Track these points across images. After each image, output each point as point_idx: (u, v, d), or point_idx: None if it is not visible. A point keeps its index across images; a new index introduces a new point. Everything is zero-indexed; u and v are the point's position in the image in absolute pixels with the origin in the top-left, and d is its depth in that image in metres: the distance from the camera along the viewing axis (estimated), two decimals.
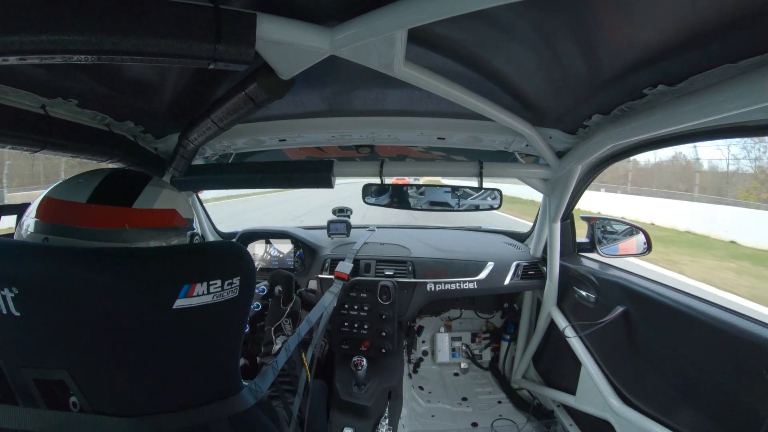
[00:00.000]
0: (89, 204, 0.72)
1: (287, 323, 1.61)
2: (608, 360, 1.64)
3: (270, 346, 1.56)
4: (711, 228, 12.55)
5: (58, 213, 0.72)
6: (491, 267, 2.16)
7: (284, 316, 1.61)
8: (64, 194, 0.74)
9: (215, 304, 0.70)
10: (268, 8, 0.69)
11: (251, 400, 0.81)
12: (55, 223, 0.71)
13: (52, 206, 0.73)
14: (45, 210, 0.73)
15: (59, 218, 0.71)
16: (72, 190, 0.74)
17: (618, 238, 1.98)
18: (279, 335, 1.59)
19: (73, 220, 0.71)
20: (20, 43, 0.56)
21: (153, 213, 0.78)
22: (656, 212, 14.71)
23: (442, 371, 2.69)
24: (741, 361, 1.06)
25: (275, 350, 1.53)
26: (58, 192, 0.75)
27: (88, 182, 0.75)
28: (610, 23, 0.71)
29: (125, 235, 0.73)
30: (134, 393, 0.69)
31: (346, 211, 2.58)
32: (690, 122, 0.84)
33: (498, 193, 1.85)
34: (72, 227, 0.70)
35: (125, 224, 0.73)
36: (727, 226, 12.01)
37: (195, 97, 1.16)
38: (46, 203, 0.73)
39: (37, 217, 0.72)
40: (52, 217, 0.71)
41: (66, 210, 0.72)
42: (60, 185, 0.76)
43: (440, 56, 0.91)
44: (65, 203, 0.72)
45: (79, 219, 0.71)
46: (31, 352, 0.68)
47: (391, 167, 1.65)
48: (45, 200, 0.74)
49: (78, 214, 0.71)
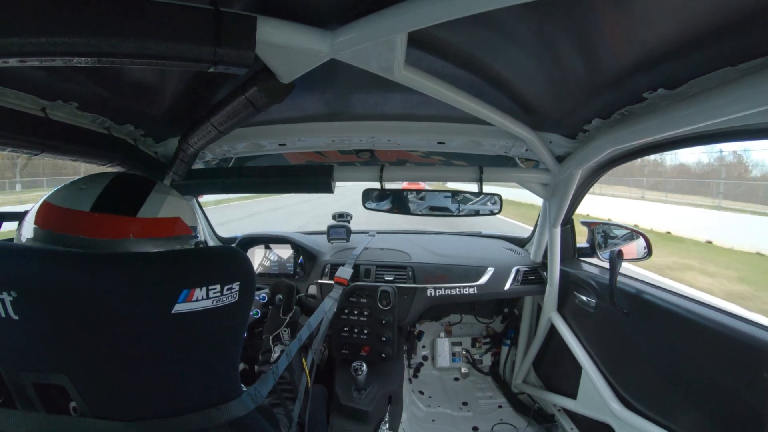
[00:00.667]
0: (92, 213, 0.70)
1: (285, 332, 1.60)
2: (609, 364, 1.63)
3: (268, 355, 1.55)
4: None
5: (59, 221, 0.70)
6: (491, 272, 2.15)
7: (283, 326, 1.60)
8: (66, 201, 0.72)
9: (214, 309, 0.70)
10: (269, 11, 0.70)
11: (251, 404, 0.80)
12: (56, 232, 0.69)
13: (52, 213, 0.71)
14: (46, 217, 0.71)
15: (60, 227, 0.69)
16: (75, 196, 0.72)
17: (618, 243, 1.97)
18: (277, 344, 1.58)
19: (75, 230, 0.69)
20: (20, 45, 0.56)
21: (157, 222, 0.77)
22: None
23: (443, 376, 2.67)
24: (742, 364, 1.06)
25: (273, 359, 1.52)
26: (59, 198, 0.73)
27: (91, 188, 0.73)
28: (610, 27, 0.71)
29: (128, 244, 0.72)
30: (133, 397, 0.69)
31: (346, 217, 2.57)
32: (690, 126, 0.84)
33: (498, 197, 1.85)
34: (74, 237, 0.68)
35: (129, 234, 0.72)
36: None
37: (195, 101, 1.16)
38: (46, 209, 0.72)
39: (36, 224, 0.71)
40: (53, 225, 0.70)
41: (68, 218, 0.70)
42: (61, 190, 0.74)
43: (440, 60, 0.91)
44: (67, 211, 0.71)
45: (82, 228, 0.69)
46: (30, 356, 0.67)
47: (391, 172, 1.65)
48: (45, 206, 0.72)
49: (81, 222, 0.69)
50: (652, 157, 21.59)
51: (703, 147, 17.07)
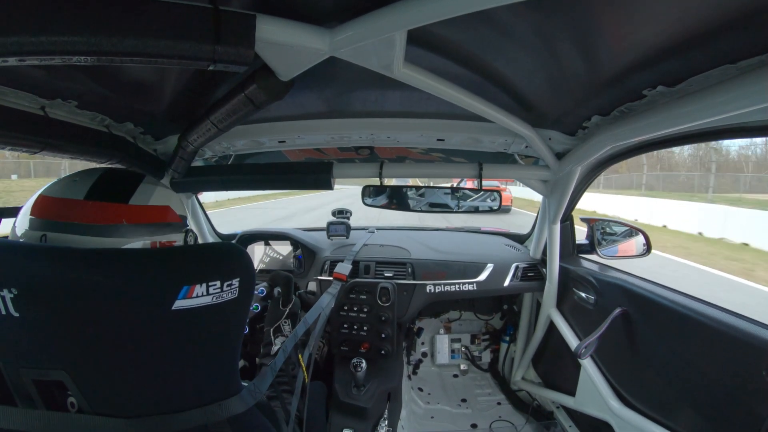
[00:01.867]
0: (86, 200, 0.73)
1: (286, 324, 1.61)
2: (608, 361, 1.63)
3: (269, 347, 1.56)
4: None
5: (55, 210, 0.72)
6: (491, 268, 2.16)
7: (283, 317, 1.61)
8: (60, 192, 0.75)
9: (214, 305, 0.70)
10: (268, 9, 0.69)
11: (250, 401, 0.81)
12: (52, 220, 0.71)
13: (48, 204, 0.73)
14: (42, 207, 0.73)
15: (57, 215, 0.72)
16: (68, 187, 0.75)
17: (617, 240, 1.98)
18: (278, 336, 1.59)
19: (71, 217, 0.71)
20: (19, 44, 0.56)
21: (148, 209, 0.80)
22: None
23: (442, 373, 2.68)
24: (741, 362, 1.06)
25: (274, 351, 1.53)
26: (54, 190, 0.75)
27: (83, 180, 0.76)
28: (610, 24, 0.71)
29: (123, 230, 0.74)
30: (133, 394, 0.69)
31: (345, 213, 2.57)
32: (690, 123, 0.84)
33: (497, 194, 1.85)
34: (70, 223, 0.71)
35: (122, 220, 0.75)
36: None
37: (194, 99, 1.16)
38: (42, 201, 0.74)
39: (33, 214, 0.73)
40: (50, 214, 0.72)
41: (63, 207, 0.73)
42: (55, 184, 0.77)
43: (439, 57, 0.91)
44: (63, 200, 0.73)
45: (77, 215, 0.72)
46: (30, 353, 0.68)
47: (391, 169, 1.65)
48: (41, 198, 0.74)
49: (76, 210, 0.72)
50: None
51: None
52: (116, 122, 1.29)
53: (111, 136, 1.30)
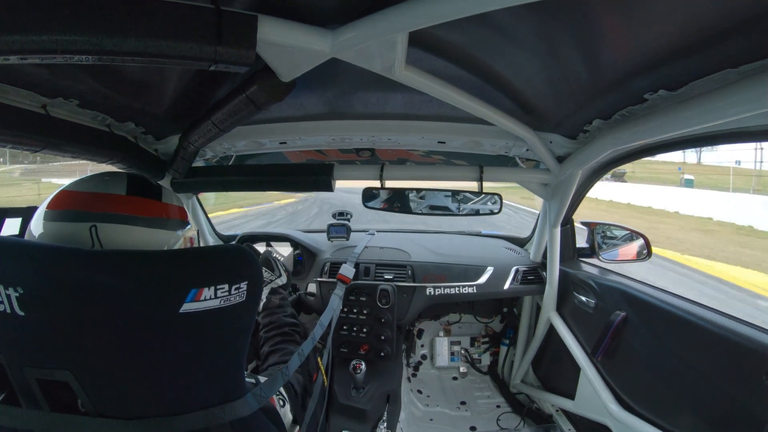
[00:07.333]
0: (129, 195, 0.80)
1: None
2: (607, 365, 1.63)
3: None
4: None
5: (101, 203, 0.77)
6: (491, 272, 2.15)
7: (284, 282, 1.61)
8: (96, 188, 0.79)
9: (222, 308, 0.69)
10: (270, 10, 0.70)
11: (255, 405, 0.80)
12: (100, 212, 0.75)
13: (88, 198, 0.78)
14: (80, 200, 0.77)
15: (104, 207, 0.76)
16: (105, 184, 0.80)
17: (618, 244, 1.98)
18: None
19: (118, 209, 0.77)
20: (21, 42, 0.56)
21: (174, 208, 0.89)
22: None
23: (441, 375, 2.67)
24: (740, 366, 1.06)
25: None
26: (87, 186, 0.79)
27: (115, 180, 0.82)
28: (612, 28, 0.71)
29: (165, 223, 0.83)
30: (137, 395, 0.69)
31: (346, 215, 2.57)
32: (691, 127, 0.84)
33: (498, 197, 1.85)
34: (119, 215, 0.76)
35: (163, 214, 0.83)
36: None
37: (196, 99, 1.16)
38: (77, 195, 0.78)
39: (74, 208, 0.75)
40: (95, 206, 0.76)
41: (109, 200, 0.78)
42: (82, 182, 0.81)
43: (441, 60, 0.91)
44: (106, 195, 0.78)
45: (125, 208, 0.78)
46: (35, 352, 0.68)
47: (392, 171, 1.65)
48: (74, 193, 0.78)
49: (122, 204, 0.78)
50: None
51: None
52: (117, 122, 1.29)
53: (112, 136, 1.30)
